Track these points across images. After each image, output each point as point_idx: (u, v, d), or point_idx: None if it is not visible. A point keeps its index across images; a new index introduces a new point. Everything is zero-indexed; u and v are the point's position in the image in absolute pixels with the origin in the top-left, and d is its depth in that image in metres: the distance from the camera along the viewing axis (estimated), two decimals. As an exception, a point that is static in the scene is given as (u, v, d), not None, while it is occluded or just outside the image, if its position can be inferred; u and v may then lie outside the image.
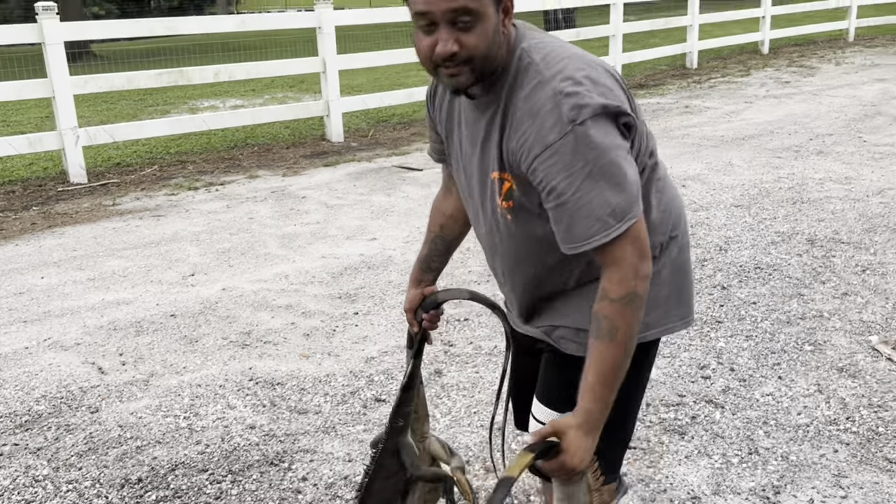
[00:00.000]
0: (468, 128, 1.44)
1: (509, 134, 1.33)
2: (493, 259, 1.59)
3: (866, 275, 3.88)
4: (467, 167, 1.48)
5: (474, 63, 1.28)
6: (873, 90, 9.15)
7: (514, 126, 1.31)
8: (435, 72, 1.31)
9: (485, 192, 1.45)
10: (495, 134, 1.36)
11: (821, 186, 5.37)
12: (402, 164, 6.57)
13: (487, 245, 1.57)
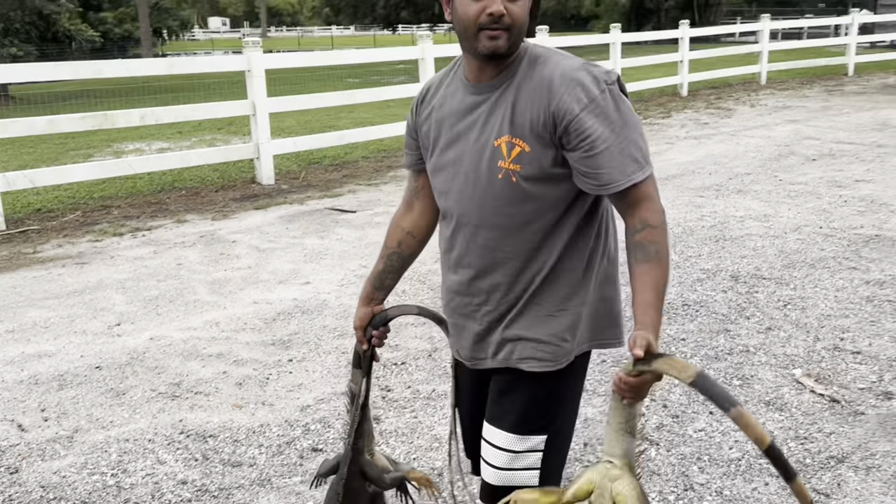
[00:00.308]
0: (464, 112, 1.59)
1: (528, 104, 1.50)
2: (467, 249, 1.63)
3: (788, 309, 4.03)
4: (460, 145, 1.59)
5: (512, 31, 1.46)
6: (786, 131, 9.61)
7: (536, 96, 1.49)
8: (476, 36, 1.47)
9: (480, 161, 1.56)
10: (504, 108, 1.53)
11: (741, 224, 5.58)
12: (335, 207, 6.55)
13: (470, 225, 1.60)
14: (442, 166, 1.63)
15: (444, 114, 1.63)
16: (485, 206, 1.57)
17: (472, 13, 1.46)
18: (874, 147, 8.36)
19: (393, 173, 7.92)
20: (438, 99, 1.65)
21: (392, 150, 9.15)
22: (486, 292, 1.63)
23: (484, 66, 1.54)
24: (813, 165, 7.54)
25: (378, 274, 1.84)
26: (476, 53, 1.50)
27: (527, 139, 1.50)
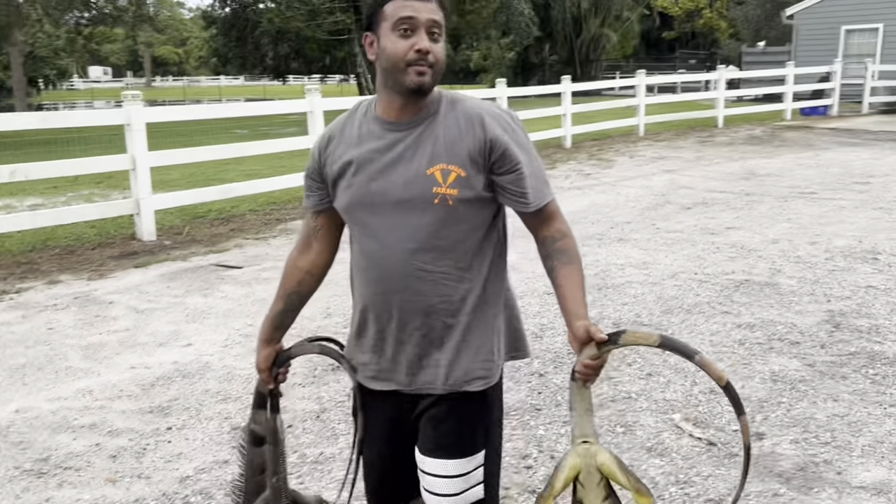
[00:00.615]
0: (386, 148, 1.69)
1: (463, 134, 1.67)
2: (401, 274, 1.69)
3: (666, 355, 4.17)
4: (385, 178, 1.69)
5: (435, 68, 1.63)
6: (662, 180, 10.10)
7: (470, 128, 1.67)
8: (404, 71, 1.61)
9: (412, 189, 1.67)
10: (432, 139, 1.67)
11: (622, 272, 5.79)
12: (221, 263, 6.38)
13: (405, 251, 1.68)
14: (365, 200, 1.71)
15: (362, 152, 1.71)
16: (420, 229, 1.68)
17: (402, 50, 1.61)
18: (743, 195, 8.90)
19: (283, 226, 7.80)
20: (348, 140, 1.75)
21: (282, 202, 9.03)
22: (423, 315, 1.71)
23: (406, 103, 1.67)
24: (688, 213, 7.94)
25: (278, 314, 1.92)
26: (403, 88, 1.64)
27: (463, 165, 1.67)
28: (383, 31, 1.64)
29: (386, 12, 1.63)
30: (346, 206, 1.75)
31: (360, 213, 1.73)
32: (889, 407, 3.53)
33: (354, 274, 1.82)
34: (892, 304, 4.95)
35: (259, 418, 1.96)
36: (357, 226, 1.75)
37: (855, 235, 6.77)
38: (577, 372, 1.61)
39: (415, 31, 1.61)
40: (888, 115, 19.25)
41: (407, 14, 1.61)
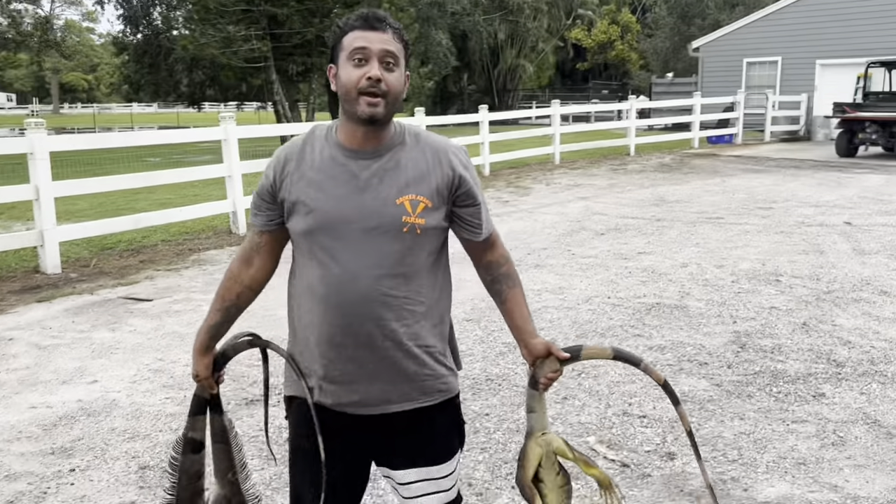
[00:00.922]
0: (350, 176, 1.74)
1: (430, 168, 1.77)
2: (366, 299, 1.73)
3: (581, 378, 4.24)
4: (350, 206, 1.73)
5: (388, 98, 1.69)
6: (578, 207, 10.34)
7: (436, 162, 1.78)
8: (356, 100, 1.68)
9: (381, 217, 1.73)
10: (401, 171, 1.75)
11: (539, 297, 5.87)
12: (130, 295, 6.16)
13: (370, 277, 1.73)
14: (329, 226, 1.74)
15: (324, 178, 1.75)
16: (387, 256, 1.74)
17: (354, 78, 1.67)
18: (654, 221, 9.19)
19: (196, 257, 7.61)
20: (308, 163, 1.77)
21: (195, 232, 8.82)
22: (384, 338, 1.76)
23: (367, 133, 1.73)
24: (601, 239, 8.14)
25: (215, 325, 1.93)
26: (356, 118, 1.70)
27: (431, 197, 1.76)
28: (341, 61, 1.71)
29: (343, 43, 1.71)
30: (305, 230, 1.77)
31: (323, 238, 1.75)
32: (791, 423, 3.67)
33: (303, 299, 1.81)
34: (793, 324, 5.17)
35: (198, 425, 1.99)
36: (317, 251, 1.77)
37: (759, 258, 7.07)
38: (540, 383, 1.87)
39: (368, 60, 1.68)
40: (789, 143, 20.29)
41: (361, 44, 1.68)
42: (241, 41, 19.18)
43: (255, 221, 1.88)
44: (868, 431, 3.58)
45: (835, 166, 15.02)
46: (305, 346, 1.83)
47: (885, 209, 9.80)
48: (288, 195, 1.79)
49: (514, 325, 1.90)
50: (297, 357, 1.87)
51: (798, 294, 5.88)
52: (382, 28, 1.70)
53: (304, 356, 1.84)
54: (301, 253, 1.81)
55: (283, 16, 19.21)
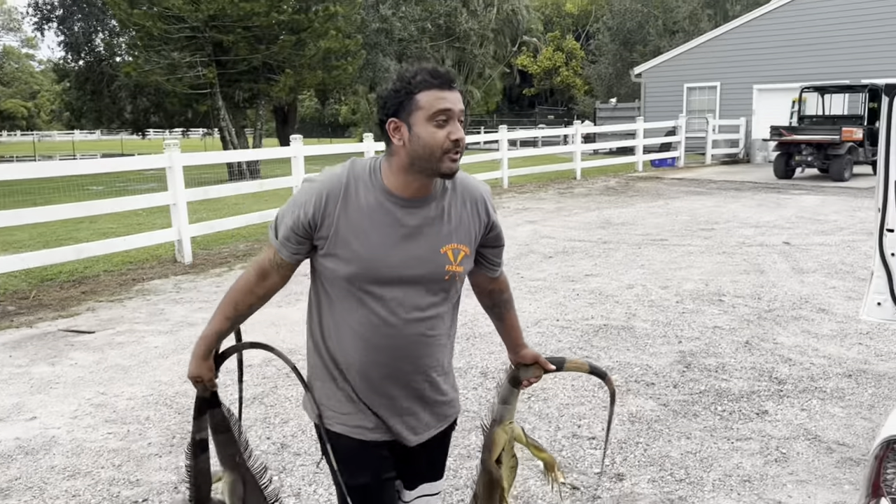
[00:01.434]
0: (398, 224, 1.78)
1: (468, 214, 1.86)
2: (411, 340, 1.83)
3: (532, 401, 4.26)
4: (398, 255, 1.77)
5: (462, 152, 1.75)
6: (526, 231, 10.44)
7: (473, 208, 1.87)
8: (441, 159, 1.71)
9: (429, 265, 1.80)
10: (445, 219, 1.82)
11: (488, 321, 5.88)
12: (71, 328, 6.00)
13: (414, 321, 1.82)
14: (375, 273, 1.77)
15: (368, 224, 1.77)
16: (429, 301, 1.83)
17: (440, 139, 1.70)
18: (600, 243, 9.33)
19: (140, 287, 7.45)
20: (353, 206, 1.77)
21: (139, 261, 8.64)
22: (416, 373, 1.87)
23: (424, 185, 1.77)
24: (550, 262, 8.23)
25: (224, 332, 1.95)
26: (436, 173, 1.74)
27: (469, 244, 1.86)
28: (417, 120, 1.71)
29: (420, 102, 1.71)
30: (350, 275, 1.79)
31: (366, 283, 1.79)
32: (736, 441, 3.75)
33: (342, 334, 1.84)
34: (736, 342, 5.29)
35: (203, 425, 2.09)
36: (358, 293, 1.80)
37: (702, 279, 7.23)
38: (522, 383, 2.13)
39: (450, 120, 1.72)
40: (729, 166, 20.86)
41: (445, 106, 1.71)
42: (186, 68, 19.01)
43: (282, 252, 1.85)
44: (809, 447, 3.67)
45: (773, 188, 15.48)
46: (334, 377, 1.88)
47: (821, 229, 10.13)
48: (329, 236, 1.78)
49: (509, 338, 2.14)
50: (317, 386, 1.94)
51: (740, 313, 6.02)
52: (456, 87, 1.75)
53: (330, 386, 1.90)
54: (336, 290, 1.83)
55: (229, 42, 19.12)
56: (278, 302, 6.66)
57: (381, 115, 1.76)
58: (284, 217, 1.82)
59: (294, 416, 4.14)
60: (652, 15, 34.37)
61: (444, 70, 1.74)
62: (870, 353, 5.06)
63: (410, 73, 1.73)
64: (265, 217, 10.03)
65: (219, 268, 8.28)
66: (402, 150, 1.74)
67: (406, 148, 1.73)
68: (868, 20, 20.23)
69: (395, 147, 1.75)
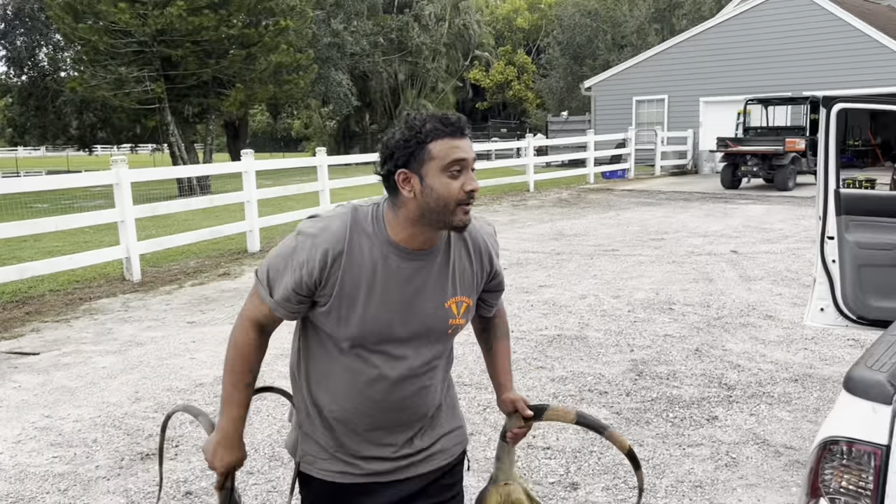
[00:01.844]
0: (407, 279, 1.70)
1: (472, 264, 1.79)
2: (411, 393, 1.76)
3: (487, 413, 4.27)
4: (403, 312, 1.70)
5: (473, 202, 1.68)
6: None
7: (477, 256, 1.80)
8: (454, 211, 1.63)
9: (434, 321, 1.73)
10: (448, 271, 1.74)
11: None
12: (14, 349, 5.83)
13: (409, 381, 1.75)
14: (379, 331, 1.70)
15: (373, 283, 1.68)
16: (431, 355, 1.77)
17: (454, 191, 1.62)
18: (553, 255, 9.42)
19: (87, 306, 7.28)
20: (357, 264, 1.67)
21: (86, 280, 8.45)
22: (416, 420, 1.81)
23: (432, 237, 1.69)
24: (504, 274, 8.24)
25: (247, 407, 1.81)
26: (451, 226, 1.66)
27: (471, 295, 1.80)
28: (429, 171, 1.62)
29: (432, 152, 1.61)
30: (352, 336, 1.70)
31: (371, 342, 1.72)
32: (687, 447, 3.80)
33: (333, 385, 1.77)
34: (686, 350, 5.38)
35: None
36: (359, 350, 1.72)
37: (653, 288, 7.34)
38: (509, 438, 1.94)
39: (464, 171, 1.64)
40: (677, 177, 21.28)
41: (460, 156, 1.63)
42: (133, 82, 18.71)
43: (278, 311, 1.72)
44: (758, 451, 3.75)
45: (721, 198, 15.83)
46: (327, 429, 1.81)
47: (767, 237, 10.38)
48: (332, 295, 1.68)
49: (495, 375, 1.99)
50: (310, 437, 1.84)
51: (690, 321, 6.13)
52: (468, 134, 1.67)
53: (322, 436, 1.82)
54: (330, 343, 1.74)
55: (178, 57, 18.88)
56: (222, 320, 6.57)
57: (390, 167, 1.64)
58: (281, 275, 1.68)
59: (246, 434, 4.07)
60: (601, 29, 34.98)
61: (454, 117, 1.65)
62: (815, 357, 5.19)
63: (420, 121, 1.63)
64: (216, 233, 9.91)
65: (169, 285, 8.14)
66: (412, 202, 1.64)
67: (417, 200, 1.63)
68: (809, 34, 20.89)
69: (403, 199, 1.64)
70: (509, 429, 1.93)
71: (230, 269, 8.95)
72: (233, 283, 8.20)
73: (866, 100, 4.28)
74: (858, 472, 1.27)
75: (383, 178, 1.67)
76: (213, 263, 9.41)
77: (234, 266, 9.18)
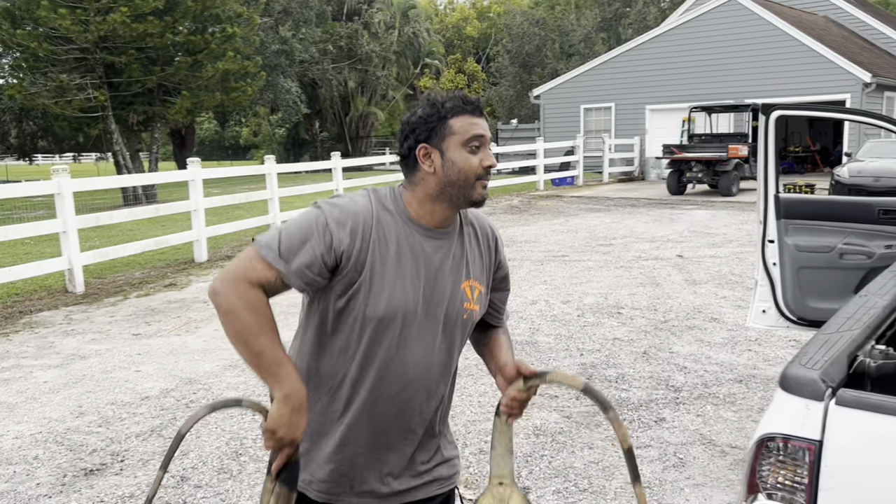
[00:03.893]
0: (428, 256, 1.68)
1: (481, 250, 1.78)
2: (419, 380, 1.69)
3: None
4: (428, 291, 1.67)
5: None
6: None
7: (485, 243, 1.79)
8: (473, 185, 1.66)
9: (452, 301, 1.70)
10: (463, 253, 1.73)
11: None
12: (-50, 366, 5.62)
13: (429, 370, 1.69)
14: (399, 313, 1.65)
15: (400, 260, 1.65)
16: (447, 342, 1.72)
17: (474, 165, 1.65)
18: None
19: (27, 320, 7.07)
20: (384, 240, 1.65)
21: (26, 293, 8.21)
22: (427, 421, 1.74)
23: (450, 214, 1.70)
24: (455, 281, 8.28)
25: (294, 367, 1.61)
26: (470, 201, 1.67)
27: (483, 282, 1.77)
28: (450, 145, 1.65)
29: (453, 127, 1.65)
30: (382, 315, 1.63)
31: (396, 325, 1.65)
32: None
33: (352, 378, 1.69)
34: (635, 353, 5.46)
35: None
36: (381, 335, 1.65)
37: (601, 293, 7.44)
38: (502, 405, 1.71)
39: (482, 147, 1.67)
40: (625, 183, 21.63)
41: (479, 132, 1.66)
42: (75, 90, 18.28)
43: (292, 279, 1.60)
44: (704, 451, 3.82)
45: (667, 204, 16.14)
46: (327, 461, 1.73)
47: (712, 242, 10.61)
48: (361, 269, 1.62)
49: (498, 356, 1.82)
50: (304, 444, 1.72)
51: (638, 325, 6.23)
52: (484, 114, 1.72)
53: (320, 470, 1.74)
54: (345, 324, 1.66)
55: (122, 64, 18.53)
56: (168, 332, 6.45)
57: (411, 142, 1.66)
58: (302, 242, 1.59)
59: (194, 447, 4.01)
60: (549, 38, 35.42)
61: (473, 97, 1.70)
62: (759, 358, 5.31)
63: (441, 99, 1.68)
64: (162, 243, 9.73)
65: (113, 297, 7.96)
66: (431, 177, 1.66)
67: (437, 175, 1.65)
68: (750, 44, 21.47)
69: (422, 174, 1.66)
70: (507, 398, 1.70)
71: (177, 280, 8.79)
72: (179, 293, 8.06)
73: (804, 107, 4.42)
74: (794, 468, 1.31)
75: (402, 157, 1.70)
76: (160, 274, 9.23)
77: (180, 276, 9.02)
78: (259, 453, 3.90)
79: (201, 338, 6.18)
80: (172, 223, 12.91)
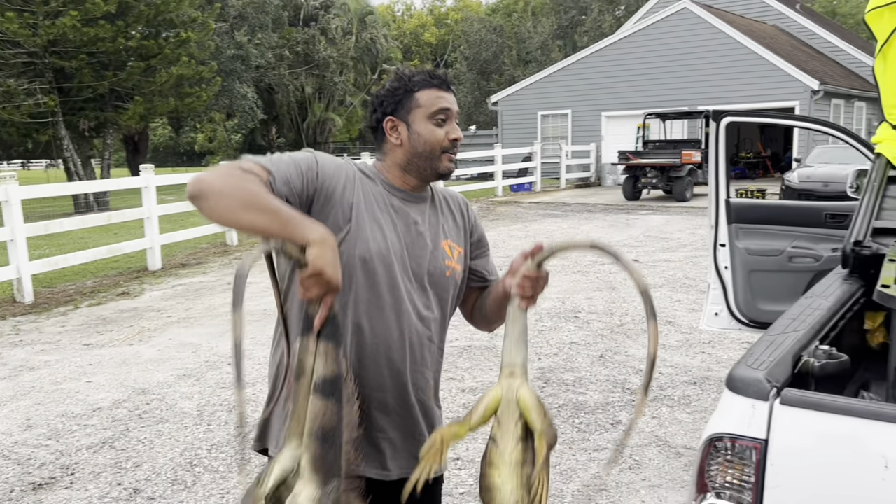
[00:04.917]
0: (405, 214, 1.72)
1: (455, 214, 1.83)
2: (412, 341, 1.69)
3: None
4: (396, 248, 1.68)
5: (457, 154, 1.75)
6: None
7: (457, 208, 1.85)
8: (439, 158, 1.70)
9: (434, 259, 1.74)
10: (439, 215, 1.78)
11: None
12: None
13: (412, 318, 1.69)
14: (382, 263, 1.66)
15: (379, 212, 1.68)
16: (440, 298, 1.75)
17: (440, 137, 1.70)
18: (462, 267, 9.50)
19: (-27, 331, 6.88)
20: (368, 190, 1.70)
21: (-28, 303, 7.98)
22: (417, 389, 1.73)
23: (420, 184, 1.75)
24: (413, 287, 8.28)
25: None
26: (433, 174, 1.72)
27: (461, 243, 1.82)
28: (416, 118, 1.70)
29: (419, 100, 1.70)
30: (370, 255, 1.64)
31: (382, 268, 1.65)
32: (593, 452, 3.89)
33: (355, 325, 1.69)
34: (591, 357, 5.51)
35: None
36: (370, 279, 1.64)
37: (559, 297, 7.50)
38: (515, 286, 1.56)
39: (448, 120, 1.71)
40: (582, 189, 21.85)
41: (445, 105, 1.71)
42: (23, 95, 17.85)
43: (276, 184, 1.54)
44: (660, 453, 3.87)
45: (623, 209, 16.34)
46: None
47: (666, 246, 10.77)
48: (348, 211, 1.64)
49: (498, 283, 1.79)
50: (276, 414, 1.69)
51: (595, 329, 6.29)
52: (452, 89, 1.76)
53: None
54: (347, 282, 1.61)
55: (72, 69, 18.16)
56: (120, 341, 6.33)
57: (378, 115, 1.73)
58: (294, 161, 1.59)
59: (147, 458, 3.93)
60: (506, 45, 35.68)
61: (441, 72, 1.76)
62: (712, 360, 5.40)
63: (409, 73, 1.73)
64: (114, 251, 9.55)
65: (64, 306, 7.78)
66: (399, 149, 1.71)
67: (404, 147, 1.71)
68: (703, 52, 21.88)
69: (390, 146, 1.73)
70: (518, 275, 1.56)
71: (130, 288, 8.63)
72: (132, 302, 7.91)
73: (754, 114, 4.51)
74: (741, 467, 1.34)
75: (371, 129, 1.76)
76: (112, 282, 9.05)
77: (133, 285, 8.85)
78: (214, 464, 3.84)
79: (154, 347, 6.07)
80: (125, 231, 12.68)
